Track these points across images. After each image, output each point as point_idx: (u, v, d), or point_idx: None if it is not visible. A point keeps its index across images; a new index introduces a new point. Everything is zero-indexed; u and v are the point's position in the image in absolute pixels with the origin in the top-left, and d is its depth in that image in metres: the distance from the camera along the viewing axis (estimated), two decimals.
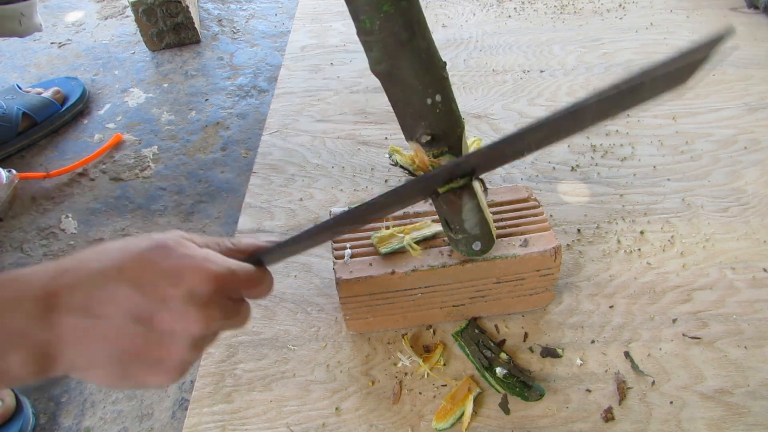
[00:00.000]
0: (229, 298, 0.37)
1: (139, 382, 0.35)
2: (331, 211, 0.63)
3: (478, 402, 0.58)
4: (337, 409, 0.58)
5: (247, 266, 0.39)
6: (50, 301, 0.32)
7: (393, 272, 0.57)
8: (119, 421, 0.62)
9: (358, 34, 0.46)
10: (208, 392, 0.60)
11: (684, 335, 0.62)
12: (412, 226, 0.60)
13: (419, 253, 0.57)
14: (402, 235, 0.59)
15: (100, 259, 0.34)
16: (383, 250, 0.58)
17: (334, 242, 0.60)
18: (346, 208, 0.63)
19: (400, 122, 0.49)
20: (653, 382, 0.58)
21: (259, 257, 0.42)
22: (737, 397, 0.57)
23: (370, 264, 0.58)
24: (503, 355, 0.60)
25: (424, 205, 0.63)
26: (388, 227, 0.60)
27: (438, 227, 0.59)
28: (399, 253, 0.58)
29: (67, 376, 0.36)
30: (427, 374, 0.60)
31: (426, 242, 0.59)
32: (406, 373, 0.60)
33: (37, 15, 0.94)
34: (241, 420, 0.58)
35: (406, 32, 0.43)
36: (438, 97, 0.47)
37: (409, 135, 0.49)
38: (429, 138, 0.47)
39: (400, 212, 0.63)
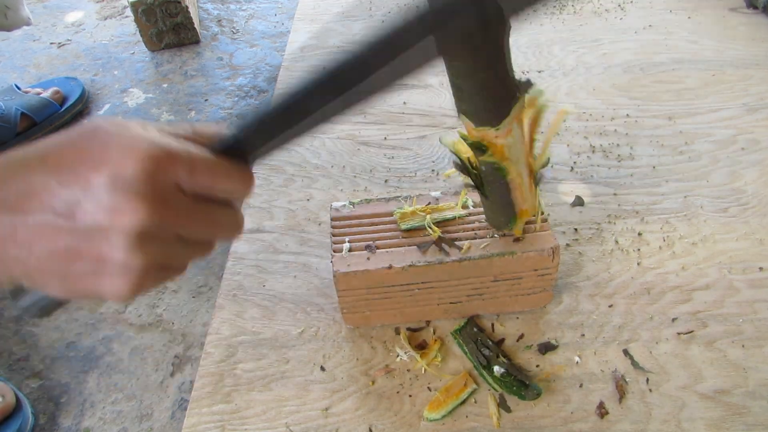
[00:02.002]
0: (192, 195, 0.32)
1: (90, 290, 0.31)
2: (331, 206, 0.63)
3: (478, 401, 0.58)
4: (325, 410, 0.58)
5: (201, 151, 0.32)
6: None
7: (390, 267, 0.57)
8: (119, 421, 0.62)
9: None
10: (208, 392, 0.60)
11: (679, 333, 0.62)
12: (435, 207, 0.62)
13: (437, 234, 0.59)
14: (424, 214, 0.61)
15: (25, 149, 0.30)
16: (404, 225, 0.60)
17: (333, 236, 0.60)
18: (346, 202, 0.63)
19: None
20: (648, 379, 0.58)
21: (229, 148, 0.34)
22: (737, 397, 0.57)
23: (368, 258, 0.58)
24: (501, 356, 0.60)
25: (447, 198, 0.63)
26: (411, 205, 0.62)
27: (460, 211, 0.60)
28: (397, 248, 0.59)
29: (20, 286, 0.33)
30: (425, 370, 0.60)
31: (446, 223, 0.61)
32: (408, 369, 0.60)
33: (24, 8, 0.93)
34: (240, 420, 0.58)
35: None
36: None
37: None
38: None
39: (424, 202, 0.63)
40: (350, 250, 0.59)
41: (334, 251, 0.59)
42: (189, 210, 0.31)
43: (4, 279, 0.31)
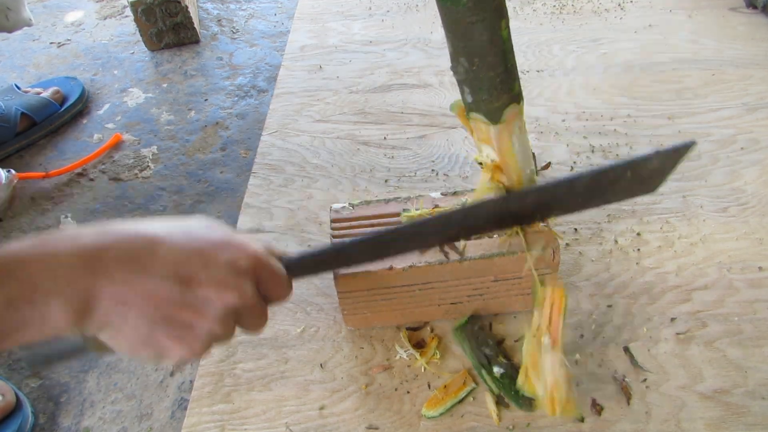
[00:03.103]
0: (257, 289, 0.39)
1: (161, 350, 0.36)
2: (332, 207, 0.63)
3: (477, 400, 0.58)
4: (325, 409, 0.58)
5: (277, 261, 0.41)
6: (99, 254, 0.33)
7: (391, 268, 0.57)
8: (118, 421, 0.62)
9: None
10: (208, 392, 0.60)
11: (678, 334, 0.62)
12: (439, 209, 0.62)
13: None
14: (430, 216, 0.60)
15: (151, 225, 0.36)
16: None
17: (333, 238, 0.60)
18: (346, 204, 0.63)
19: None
20: (647, 379, 0.58)
21: (285, 263, 0.43)
22: (736, 397, 0.57)
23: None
24: (502, 355, 0.60)
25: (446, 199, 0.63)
26: (417, 209, 0.62)
27: None
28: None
29: (94, 335, 0.36)
30: (424, 368, 0.60)
31: None
32: (408, 366, 0.60)
33: (25, 9, 0.93)
34: (240, 420, 0.58)
35: None
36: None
37: None
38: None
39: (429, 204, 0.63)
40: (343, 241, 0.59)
41: None
42: (256, 301, 0.39)
43: (91, 329, 0.34)
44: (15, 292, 0.31)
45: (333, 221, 0.62)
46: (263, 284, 0.40)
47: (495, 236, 0.59)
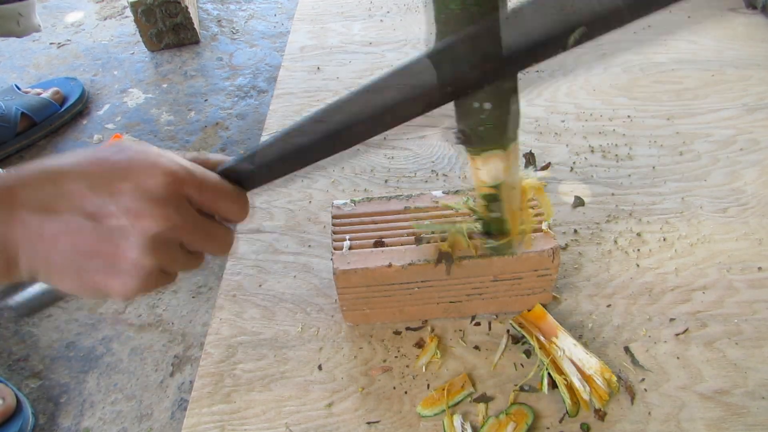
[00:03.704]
0: (196, 210, 0.36)
1: (100, 287, 0.35)
2: (333, 203, 0.63)
3: (474, 404, 0.58)
4: (325, 410, 0.58)
5: (211, 173, 0.37)
6: (8, 198, 0.32)
7: (390, 265, 0.57)
8: (118, 422, 0.62)
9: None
10: (207, 392, 0.60)
11: (676, 334, 0.62)
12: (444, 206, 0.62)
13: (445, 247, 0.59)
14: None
15: (58, 159, 0.34)
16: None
17: (334, 234, 0.60)
18: (347, 200, 0.63)
19: None
20: (647, 379, 0.58)
21: (232, 175, 0.39)
22: (736, 397, 0.57)
23: (368, 256, 0.58)
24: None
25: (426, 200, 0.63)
26: (414, 204, 0.62)
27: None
28: (398, 246, 0.59)
29: (33, 280, 0.36)
30: (425, 369, 0.60)
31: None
32: (407, 365, 0.60)
33: (35, 15, 0.94)
34: (240, 420, 0.58)
35: None
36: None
37: None
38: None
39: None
40: (350, 247, 0.59)
41: (335, 249, 0.59)
42: (195, 222, 0.35)
43: (24, 274, 0.34)
44: None
45: (334, 217, 0.62)
46: (196, 201, 0.36)
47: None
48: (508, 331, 0.63)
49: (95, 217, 0.33)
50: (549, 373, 0.57)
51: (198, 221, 0.36)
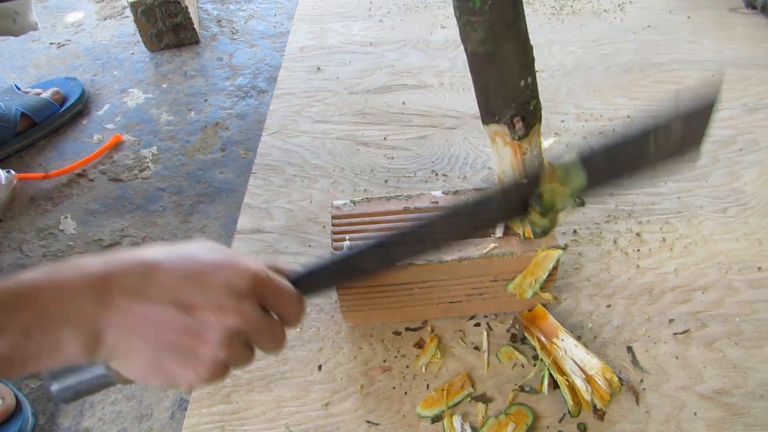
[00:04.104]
0: (264, 308, 0.39)
1: (170, 376, 0.37)
2: (333, 203, 0.63)
3: (473, 404, 0.58)
4: (325, 410, 0.58)
5: (284, 281, 0.41)
6: (105, 283, 0.34)
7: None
8: (118, 422, 0.62)
9: (461, 15, 0.45)
10: (207, 393, 0.60)
11: (675, 334, 0.62)
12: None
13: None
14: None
15: (153, 252, 0.37)
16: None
17: (334, 234, 0.60)
18: (347, 201, 0.63)
19: (484, 105, 0.49)
20: (645, 380, 0.58)
21: (295, 281, 0.43)
22: (736, 397, 0.57)
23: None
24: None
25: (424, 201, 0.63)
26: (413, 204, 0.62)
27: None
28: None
29: (106, 362, 0.37)
30: (425, 369, 0.60)
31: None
32: (406, 365, 0.60)
33: (32, 13, 0.94)
34: (240, 420, 0.58)
35: (513, 12, 0.43)
36: (530, 80, 0.47)
37: (495, 118, 0.49)
38: (521, 121, 0.48)
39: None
40: (350, 248, 0.59)
41: (335, 249, 0.59)
42: (264, 320, 0.39)
43: (102, 356, 0.36)
44: (30, 321, 0.32)
45: (334, 217, 0.62)
46: (269, 303, 0.40)
47: (495, 236, 0.59)
48: (508, 330, 0.63)
49: (184, 308, 0.35)
50: (550, 374, 0.57)
51: (266, 320, 0.39)
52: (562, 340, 0.59)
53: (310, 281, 0.44)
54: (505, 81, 0.47)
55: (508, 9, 0.43)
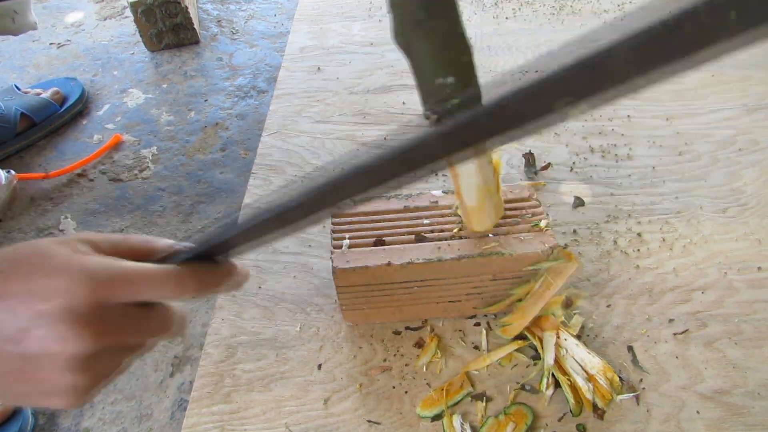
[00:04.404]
0: (136, 305, 0.32)
1: (37, 404, 0.32)
2: None
3: (473, 404, 0.58)
4: (325, 410, 0.58)
5: (148, 267, 0.32)
6: None
7: (389, 264, 0.57)
8: (118, 422, 0.62)
9: (388, 3, 0.46)
10: (207, 392, 0.60)
11: (675, 334, 0.62)
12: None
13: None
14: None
15: None
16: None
17: (333, 233, 0.60)
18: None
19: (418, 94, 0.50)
20: (641, 380, 0.58)
21: (204, 251, 0.35)
22: (736, 397, 0.57)
23: (367, 255, 0.58)
24: None
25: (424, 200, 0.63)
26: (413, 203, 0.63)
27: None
28: (397, 245, 0.59)
29: None
30: (425, 369, 0.60)
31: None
32: (406, 365, 0.60)
33: (31, 13, 0.94)
34: (240, 420, 0.58)
35: (423, 12, 0.43)
36: (450, 80, 0.47)
37: (423, 109, 0.50)
38: (435, 118, 0.48)
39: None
40: (350, 246, 0.59)
41: (334, 247, 0.59)
42: (127, 324, 0.32)
43: None
44: None
45: (333, 216, 0.62)
46: (131, 299, 0.32)
47: (493, 235, 0.59)
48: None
49: (16, 341, 0.29)
50: (552, 373, 0.57)
51: (128, 321, 0.32)
52: (565, 339, 0.59)
53: (220, 245, 0.36)
54: (421, 76, 0.48)
55: (416, 7, 0.44)
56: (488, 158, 0.53)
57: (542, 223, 0.59)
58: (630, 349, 0.61)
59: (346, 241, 0.59)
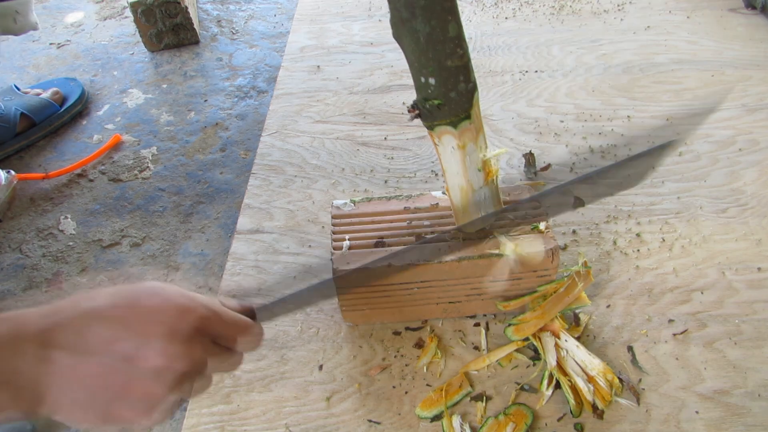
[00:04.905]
0: (216, 342, 0.39)
1: (121, 421, 0.36)
2: (333, 203, 0.63)
3: (472, 404, 0.58)
4: (325, 410, 0.58)
5: (233, 312, 0.41)
6: (44, 339, 0.33)
7: (389, 265, 0.57)
8: None
9: None
10: (207, 393, 0.60)
11: (674, 334, 0.62)
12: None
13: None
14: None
15: (93, 300, 0.36)
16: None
17: (334, 234, 0.60)
18: (347, 201, 0.64)
19: None
20: (640, 380, 0.58)
21: (252, 312, 0.44)
22: (736, 397, 0.57)
23: (368, 256, 0.58)
24: None
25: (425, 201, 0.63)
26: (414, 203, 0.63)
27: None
28: (399, 246, 0.59)
29: (48, 416, 0.36)
30: (426, 368, 0.60)
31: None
32: (406, 365, 0.60)
33: (32, 13, 0.94)
34: (240, 420, 0.58)
35: (406, 11, 0.45)
36: (432, 80, 0.47)
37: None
38: (416, 113, 0.50)
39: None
40: (350, 247, 0.59)
41: (334, 249, 0.59)
42: (219, 355, 0.39)
43: (45, 411, 0.34)
44: None
45: (334, 217, 0.62)
46: (219, 338, 0.39)
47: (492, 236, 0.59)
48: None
49: (129, 359, 0.34)
50: (551, 374, 0.57)
51: (216, 355, 0.39)
52: (565, 340, 0.59)
53: (266, 311, 0.45)
54: (411, 69, 0.49)
55: (402, 6, 0.45)
56: (477, 164, 0.53)
57: (541, 225, 0.59)
58: (630, 349, 0.61)
59: (347, 243, 0.59)
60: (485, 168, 0.54)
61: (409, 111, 0.51)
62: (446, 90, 0.49)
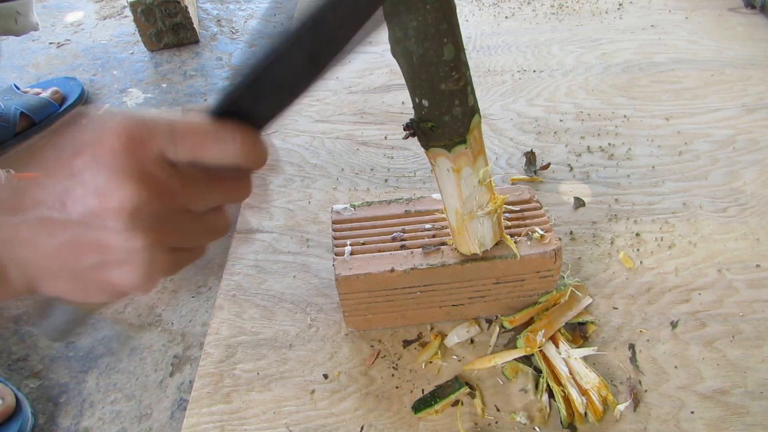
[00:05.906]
0: (184, 164, 0.29)
1: (106, 285, 0.30)
2: (333, 208, 0.63)
3: (472, 402, 0.58)
4: (325, 410, 0.58)
5: (187, 117, 0.30)
6: None
7: (392, 270, 0.57)
8: (118, 422, 0.62)
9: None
10: (207, 392, 0.60)
11: (676, 334, 0.62)
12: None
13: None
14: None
15: (14, 152, 0.29)
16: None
17: (335, 239, 0.60)
18: (347, 205, 0.63)
19: None
20: (640, 381, 0.58)
21: (225, 112, 0.32)
22: (736, 397, 0.57)
23: (370, 261, 0.58)
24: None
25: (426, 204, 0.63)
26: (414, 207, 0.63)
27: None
28: (399, 250, 0.59)
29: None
30: (425, 366, 0.60)
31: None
32: (406, 365, 0.60)
33: (33, 14, 0.94)
34: (240, 420, 0.58)
35: (399, 31, 0.44)
36: (425, 103, 0.47)
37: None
38: (410, 132, 0.49)
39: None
40: (352, 253, 0.59)
41: (336, 254, 0.59)
42: (183, 180, 0.29)
43: (21, 285, 0.30)
44: None
45: (334, 222, 0.62)
46: (173, 150, 0.28)
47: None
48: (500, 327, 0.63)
49: (60, 207, 0.27)
50: (546, 382, 0.58)
51: (187, 178, 0.29)
52: (564, 350, 0.59)
53: (237, 106, 0.33)
54: (407, 86, 0.48)
55: (395, 25, 0.44)
56: (475, 183, 0.53)
57: (543, 227, 0.59)
58: (631, 347, 0.61)
59: (348, 248, 0.59)
60: (487, 194, 0.53)
61: (404, 129, 0.51)
62: (440, 113, 0.48)
